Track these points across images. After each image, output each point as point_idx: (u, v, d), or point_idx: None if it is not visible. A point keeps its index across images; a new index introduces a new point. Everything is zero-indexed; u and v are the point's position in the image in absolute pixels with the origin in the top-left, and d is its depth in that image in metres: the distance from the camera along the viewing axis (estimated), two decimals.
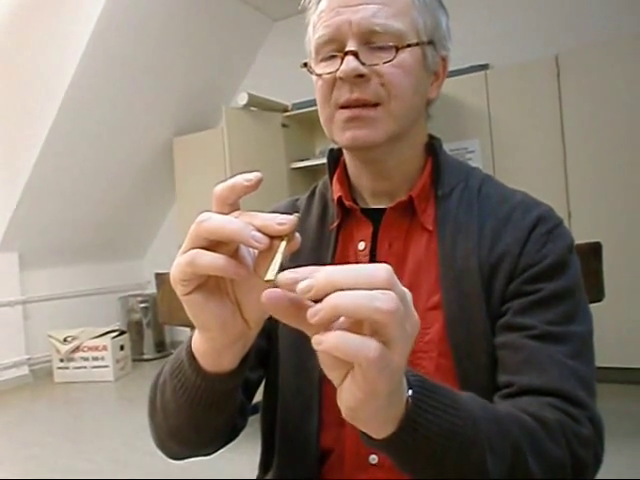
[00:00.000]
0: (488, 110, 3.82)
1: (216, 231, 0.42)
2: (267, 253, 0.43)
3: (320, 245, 0.76)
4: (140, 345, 5.24)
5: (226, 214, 0.44)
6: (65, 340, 4.62)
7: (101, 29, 3.99)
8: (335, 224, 0.76)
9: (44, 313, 4.89)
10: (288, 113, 4.57)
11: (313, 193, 0.83)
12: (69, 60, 4.06)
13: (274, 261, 0.42)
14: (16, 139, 4.34)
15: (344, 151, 0.79)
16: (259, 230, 0.41)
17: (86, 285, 5.28)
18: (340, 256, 0.75)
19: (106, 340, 4.60)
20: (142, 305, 5.30)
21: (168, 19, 4.39)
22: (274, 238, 0.43)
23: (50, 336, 4.66)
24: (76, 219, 4.93)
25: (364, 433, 0.46)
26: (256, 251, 0.44)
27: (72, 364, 4.63)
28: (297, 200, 0.85)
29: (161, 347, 5.36)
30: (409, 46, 0.67)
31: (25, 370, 4.70)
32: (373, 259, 0.72)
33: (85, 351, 4.61)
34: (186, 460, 0.69)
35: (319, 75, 0.70)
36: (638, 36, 3.39)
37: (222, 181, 0.44)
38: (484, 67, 3.98)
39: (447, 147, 0.77)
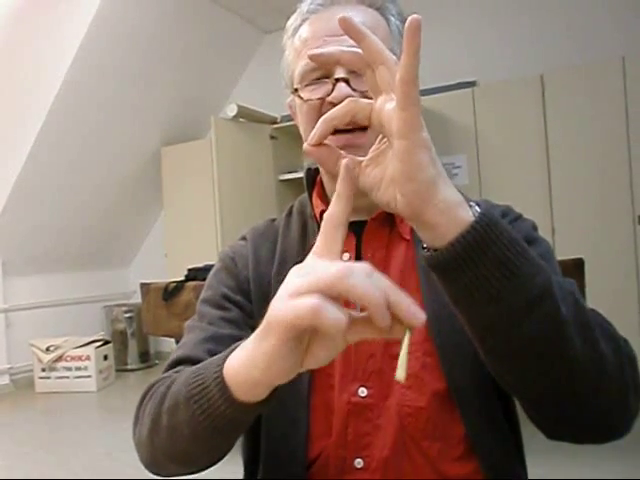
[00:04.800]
0: (475, 126, 3.87)
1: (354, 296, 0.39)
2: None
3: (303, 261, 0.76)
4: (124, 355, 5.19)
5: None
6: (48, 349, 4.56)
7: (91, 38, 4.00)
8: (317, 239, 0.77)
9: (27, 321, 4.83)
10: (277, 125, 4.59)
11: (290, 212, 0.85)
12: (58, 68, 4.06)
13: (402, 358, 0.42)
14: (2, 146, 4.32)
15: (321, 170, 0.81)
16: (389, 305, 0.40)
17: (70, 294, 5.23)
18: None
19: (89, 350, 4.55)
20: (127, 315, 5.26)
21: (159, 29, 4.40)
22: (395, 322, 0.41)
23: (32, 345, 4.60)
24: (61, 227, 4.90)
25: (425, 251, 0.49)
26: None
27: (54, 374, 4.57)
28: (274, 220, 0.86)
29: (145, 357, 5.31)
30: None
31: (6, 379, 4.64)
32: None
33: (68, 361, 4.55)
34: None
35: (306, 100, 0.72)
36: (620, 58, 3.47)
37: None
38: (471, 84, 4.04)
39: None
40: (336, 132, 0.69)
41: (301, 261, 0.49)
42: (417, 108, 0.45)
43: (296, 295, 0.41)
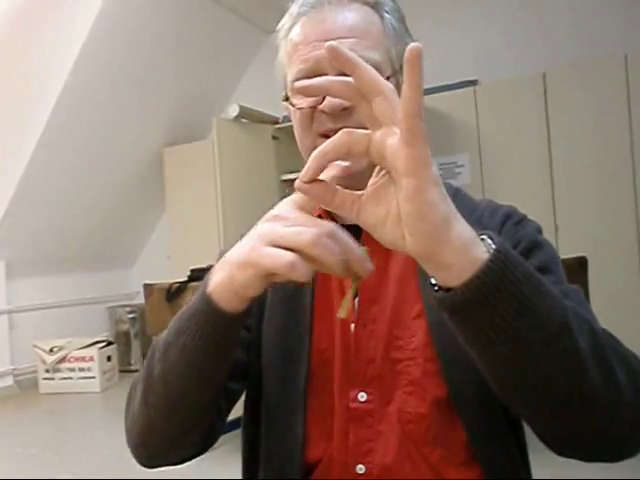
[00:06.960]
0: (477, 125, 3.87)
1: (319, 262, 0.47)
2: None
3: None
4: (127, 356, 5.20)
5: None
6: (51, 350, 4.57)
7: (93, 39, 4.00)
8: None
9: (30, 323, 4.84)
10: (279, 125, 4.59)
11: None
12: (61, 70, 4.07)
13: (346, 299, 0.51)
14: (5, 147, 4.32)
15: None
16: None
17: (73, 295, 5.24)
18: (321, 272, 0.75)
19: (93, 351, 4.56)
20: (130, 316, 5.27)
21: (160, 30, 4.41)
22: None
23: (36, 346, 4.61)
24: (64, 228, 4.90)
25: (438, 291, 0.48)
26: None
27: (58, 375, 4.58)
28: None
29: None
30: (388, 78, 0.67)
31: (10, 381, 4.65)
32: None
33: (71, 362, 4.56)
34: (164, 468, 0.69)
35: (299, 108, 0.71)
36: (623, 55, 3.46)
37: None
38: (473, 83, 4.03)
39: (436, 161, 0.78)
40: (325, 135, 0.68)
41: None
42: (425, 143, 0.42)
43: (277, 244, 0.47)
